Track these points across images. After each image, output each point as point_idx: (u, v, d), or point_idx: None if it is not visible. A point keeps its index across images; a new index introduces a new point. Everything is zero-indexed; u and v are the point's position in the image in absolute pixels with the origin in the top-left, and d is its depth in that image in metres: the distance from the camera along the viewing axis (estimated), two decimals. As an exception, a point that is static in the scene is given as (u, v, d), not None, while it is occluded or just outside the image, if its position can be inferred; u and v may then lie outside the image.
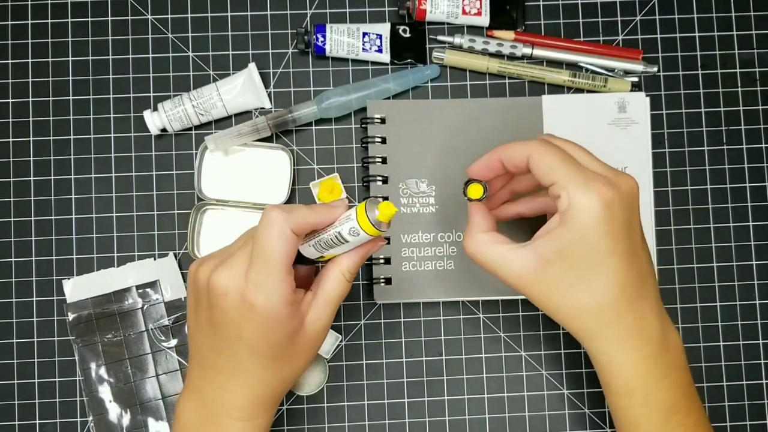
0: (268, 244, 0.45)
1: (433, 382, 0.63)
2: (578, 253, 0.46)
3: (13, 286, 0.63)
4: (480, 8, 0.63)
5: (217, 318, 0.47)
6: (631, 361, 0.48)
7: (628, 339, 0.48)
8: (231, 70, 0.64)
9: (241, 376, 0.48)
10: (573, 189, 0.46)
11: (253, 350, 0.47)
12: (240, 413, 0.49)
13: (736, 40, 0.65)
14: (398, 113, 0.62)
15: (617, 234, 0.46)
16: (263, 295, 0.45)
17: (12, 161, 0.63)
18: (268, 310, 0.45)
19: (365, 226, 0.46)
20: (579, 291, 0.47)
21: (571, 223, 0.46)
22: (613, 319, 0.47)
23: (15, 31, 0.64)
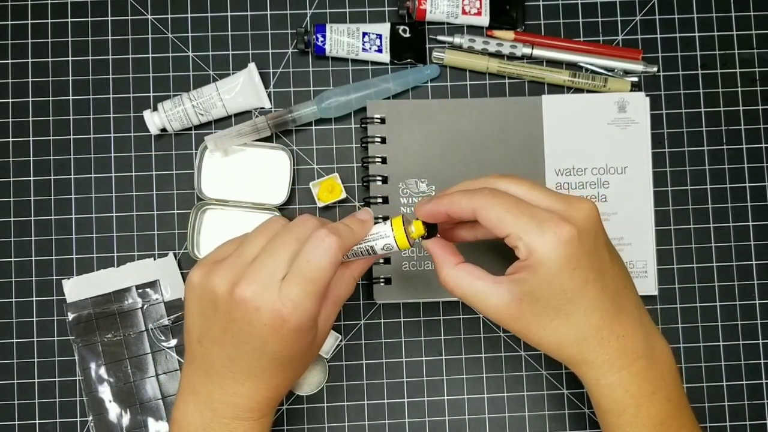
0: (320, 270, 0.45)
1: (433, 382, 0.63)
2: (550, 294, 0.45)
3: (13, 286, 0.63)
4: (480, 8, 0.63)
5: (240, 330, 0.46)
6: (620, 380, 0.47)
7: (615, 361, 0.47)
8: (231, 70, 0.64)
9: (256, 381, 0.48)
10: (528, 237, 0.44)
11: (275, 360, 0.47)
12: (248, 414, 0.49)
13: (736, 40, 0.65)
14: (398, 113, 0.62)
15: (584, 266, 0.45)
16: (299, 312, 0.45)
17: (12, 161, 0.63)
18: (300, 326, 0.45)
19: (402, 243, 0.48)
20: (558, 326, 0.47)
21: (536, 269, 0.45)
22: (597, 345, 0.47)
23: (15, 31, 0.64)
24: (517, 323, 0.47)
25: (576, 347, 0.47)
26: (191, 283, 0.48)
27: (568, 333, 0.47)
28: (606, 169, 0.63)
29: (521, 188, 0.48)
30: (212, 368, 0.48)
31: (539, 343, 0.48)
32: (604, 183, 0.62)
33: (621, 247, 0.62)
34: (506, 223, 0.45)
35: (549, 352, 0.49)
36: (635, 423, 0.48)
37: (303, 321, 0.45)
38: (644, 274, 0.62)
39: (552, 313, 0.46)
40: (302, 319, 0.45)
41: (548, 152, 0.62)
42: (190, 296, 0.48)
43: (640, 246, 0.62)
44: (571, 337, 0.47)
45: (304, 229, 0.46)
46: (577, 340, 0.47)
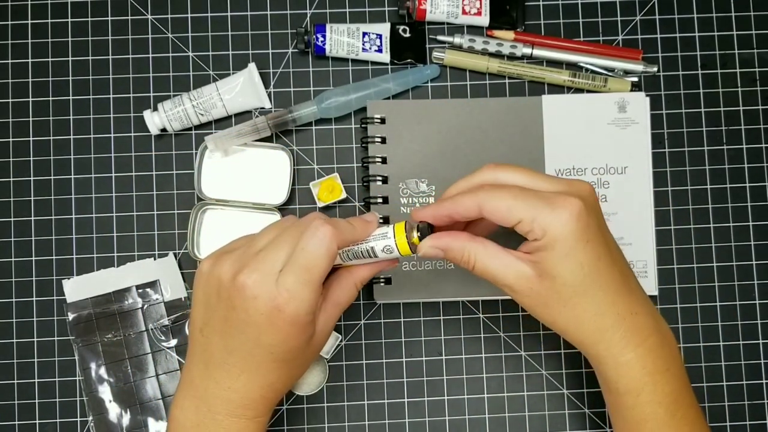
0: (314, 258, 0.45)
1: (433, 382, 0.63)
2: (568, 269, 0.46)
3: (13, 286, 0.63)
4: (480, 8, 0.63)
5: (238, 318, 0.46)
6: (637, 357, 0.48)
7: (631, 337, 0.48)
8: (231, 70, 0.64)
9: (250, 376, 0.48)
10: (541, 217, 0.45)
11: (270, 354, 0.47)
12: (242, 411, 0.49)
13: (736, 40, 0.65)
14: (398, 113, 0.62)
15: (597, 239, 0.46)
16: (295, 303, 0.45)
17: (12, 161, 0.63)
18: (296, 318, 0.46)
19: (402, 247, 0.48)
20: (577, 303, 0.47)
21: (553, 246, 0.46)
22: (614, 321, 0.48)
23: (15, 31, 0.64)
24: (537, 299, 0.48)
25: (594, 324, 0.48)
26: (200, 271, 0.49)
27: (587, 309, 0.47)
28: (606, 169, 0.63)
29: (521, 176, 0.48)
30: (210, 360, 0.49)
31: (555, 321, 0.49)
32: (604, 183, 0.62)
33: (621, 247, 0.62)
34: (516, 210, 0.46)
35: (565, 332, 0.49)
36: (652, 401, 0.48)
37: (299, 312, 0.45)
38: (644, 274, 0.62)
39: (570, 291, 0.47)
40: (298, 310, 0.45)
41: (548, 152, 0.62)
42: (197, 284, 0.50)
43: (640, 246, 0.62)
44: (590, 314, 0.47)
45: (307, 223, 0.47)
46: (595, 317, 0.47)
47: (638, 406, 0.49)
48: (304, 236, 0.46)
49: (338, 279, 0.51)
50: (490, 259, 0.48)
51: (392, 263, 0.52)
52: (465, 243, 0.48)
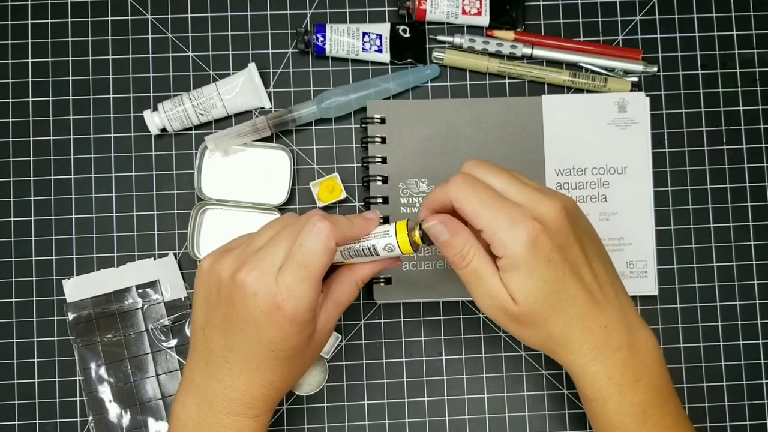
0: (311, 254, 0.45)
1: (433, 382, 0.63)
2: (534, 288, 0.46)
3: (13, 286, 0.63)
4: (480, 8, 0.63)
5: (238, 316, 0.47)
6: (603, 369, 0.48)
7: (599, 350, 0.48)
8: (231, 70, 0.64)
9: (251, 374, 0.48)
10: (501, 234, 0.45)
11: (270, 352, 0.47)
12: (243, 410, 0.49)
13: (736, 40, 0.65)
14: (398, 113, 0.62)
15: (557, 259, 0.46)
16: (294, 300, 0.45)
17: (12, 161, 0.63)
18: (295, 315, 0.46)
19: (403, 245, 0.48)
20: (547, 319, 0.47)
21: (516, 267, 0.46)
22: (581, 333, 0.48)
23: (15, 31, 0.64)
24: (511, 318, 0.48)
25: (563, 336, 0.48)
26: (201, 268, 0.49)
27: (555, 324, 0.48)
28: (606, 169, 0.63)
29: (498, 179, 0.48)
30: (211, 358, 0.49)
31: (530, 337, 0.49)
32: (604, 183, 0.62)
33: (621, 247, 0.62)
34: (480, 218, 0.46)
35: (537, 344, 0.49)
36: (619, 411, 0.49)
37: (298, 309, 0.45)
38: (644, 274, 0.62)
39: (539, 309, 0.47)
40: (297, 307, 0.45)
41: (548, 152, 0.62)
42: (198, 282, 0.50)
43: (640, 246, 0.62)
44: (558, 327, 0.48)
45: (306, 219, 0.47)
46: (563, 329, 0.48)
47: (606, 414, 0.49)
48: (302, 233, 0.46)
49: (339, 277, 0.51)
50: (485, 264, 0.47)
51: (394, 262, 0.52)
52: (471, 238, 0.48)
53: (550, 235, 0.46)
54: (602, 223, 0.62)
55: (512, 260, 0.46)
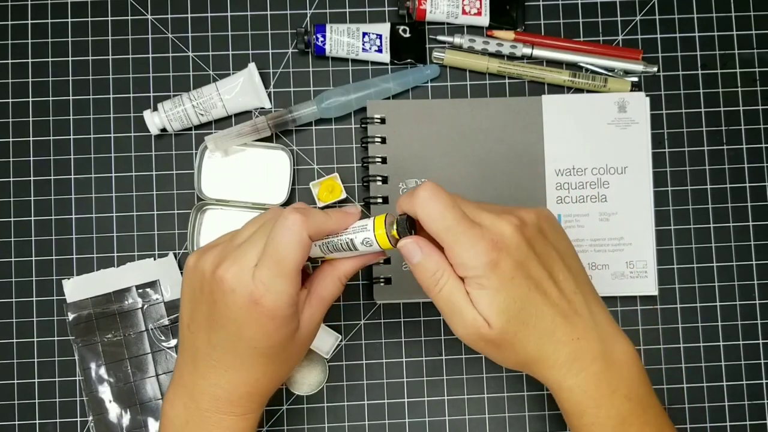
0: (284, 248, 0.45)
1: (433, 382, 0.63)
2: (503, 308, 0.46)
3: (13, 286, 0.63)
4: (480, 8, 0.63)
5: (219, 313, 0.46)
6: (578, 383, 0.48)
7: (572, 363, 0.47)
8: (231, 70, 0.64)
9: (235, 372, 0.48)
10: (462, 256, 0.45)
11: (253, 349, 0.47)
12: (230, 408, 0.49)
13: (736, 40, 0.65)
14: (398, 113, 0.62)
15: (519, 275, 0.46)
16: (272, 295, 0.45)
17: (12, 161, 0.63)
18: (274, 310, 0.45)
19: (381, 240, 0.47)
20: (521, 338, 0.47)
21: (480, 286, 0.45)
22: (554, 348, 0.47)
23: (15, 31, 0.64)
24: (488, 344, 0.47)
25: (536, 352, 0.47)
26: (187, 266, 0.49)
27: (528, 340, 0.47)
28: (606, 169, 0.63)
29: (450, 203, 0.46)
30: (197, 356, 0.49)
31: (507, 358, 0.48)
32: (604, 183, 0.62)
33: (621, 247, 0.62)
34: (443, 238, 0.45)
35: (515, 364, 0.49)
36: (596, 423, 0.48)
37: (277, 304, 0.45)
38: (644, 274, 0.62)
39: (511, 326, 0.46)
40: (276, 302, 0.45)
41: (548, 152, 0.62)
42: (184, 280, 0.50)
43: (640, 246, 0.62)
44: (531, 344, 0.47)
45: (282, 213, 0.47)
46: (536, 345, 0.47)
47: (584, 427, 0.49)
48: (274, 228, 0.46)
49: (322, 273, 0.50)
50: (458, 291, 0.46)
51: (376, 257, 0.51)
52: (443, 262, 0.46)
53: (510, 253, 0.45)
54: (602, 223, 0.62)
55: (477, 281, 0.45)
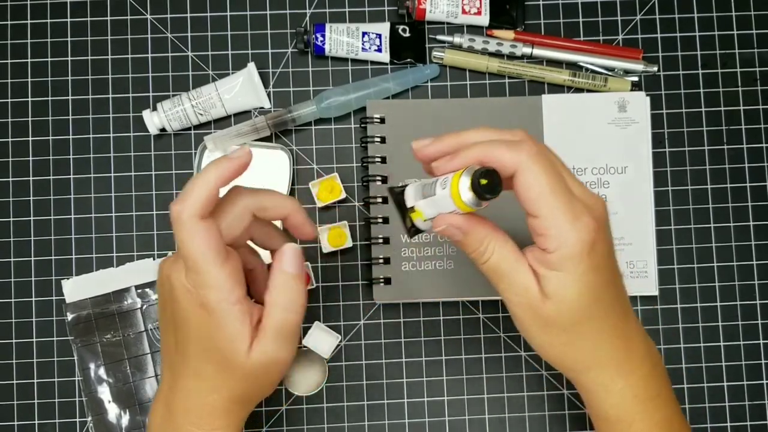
0: (183, 245, 0.43)
1: (433, 382, 0.63)
2: (577, 294, 0.42)
3: (12, 286, 0.63)
4: (480, 7, 0.63)
5: (176, 315, 0.46)
6: (628, 385, 0.45)
7: (624, 365, 0.45)
8: (230, 69, 0.64)
9: (197, 379, 0.47)
10: (558, 229, 0.41)
11: (203, 350, 0.45)
12: (199, 421, 0.47)
13: (737, 39, 0.65)
14: (398, 113, 0.62)
15: (606, 264, 0.43)
16: (197, 293, 0.44)
17: (11, 161, 0.63)
18: (206, 306, 0.44)
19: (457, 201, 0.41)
20: (580, 331, 0.44)
21: (564, 267, 0.42)
22: (611, 349, 0.45)
23: (14, 31, 0.64)
24: (535, 320, 0.44)
25: (590, 352, 0.45)
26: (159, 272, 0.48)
27: (588, 337, 0.44)
28: (606, 169, 0.62)
29: (562, 166, 0.44)
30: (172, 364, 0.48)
31: (551, 344, 0.45)
32: (604, 183, 0.62)
33: (621, 247, 0.62)
34: (543, 204, 0.41)
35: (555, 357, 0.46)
36: (643, 429, 0.46)
37: (207, 301, 0.43)
38: (644, 274, 0.62)
39: (575, 317, 0.43)
40: (205, 299, 0.43)
41: (548, 152, 0.62)
42: (157, 287, 0.49)
43: (640, 246, 0.62)
44: (589, 341, 0.44)
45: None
46: (593, 344, 0.44)
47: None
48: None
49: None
50: (505, 259, 0.43)
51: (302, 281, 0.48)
52: (490, 232, 0.43)
53: (605, 238, 0.43)
54: None
55: (563, 259, 0.41)
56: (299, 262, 0.46)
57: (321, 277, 0.63)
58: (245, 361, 0.45)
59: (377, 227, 0.61)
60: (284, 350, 0.46)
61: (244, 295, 0.45)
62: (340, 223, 0.62)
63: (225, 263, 0.44)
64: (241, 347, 0.45)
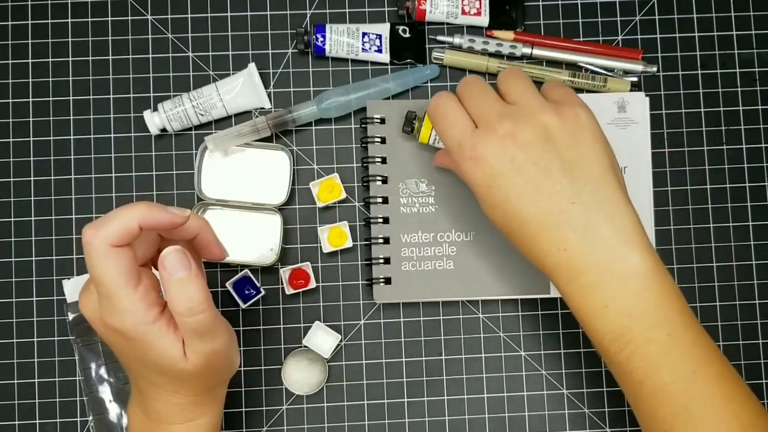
0: (92, 269, 0.43)
1: (432, 382, 0.63)
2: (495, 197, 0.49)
3: (13, 286, 0.63)
4: (479, 8, 0.63)
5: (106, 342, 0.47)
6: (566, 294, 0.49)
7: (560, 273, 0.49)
8: (231, 70, 0.64)
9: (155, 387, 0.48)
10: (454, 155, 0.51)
11: (145, 366, 0.47)
12: (173, 419, 0.49)
13: (736, 40, 0.65)
14: (398, 113, 0.62)
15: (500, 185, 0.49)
16: (118, 317, 0.44)
17: (12, 161, 0.63)
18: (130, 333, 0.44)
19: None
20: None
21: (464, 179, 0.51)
22: (539, 255, 0.49)
23: (15, 31, 0.64)
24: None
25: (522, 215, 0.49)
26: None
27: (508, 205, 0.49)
28: (606, 169, 0.62)
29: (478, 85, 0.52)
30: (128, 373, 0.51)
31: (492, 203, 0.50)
32: (604, 183, 0.62)
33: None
34: (438, 129, 0.52)
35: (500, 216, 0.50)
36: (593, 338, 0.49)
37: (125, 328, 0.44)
38: (644, 274, 0.62)
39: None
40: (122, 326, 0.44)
41: (548, 152, 0.62)
42: None
43: (640, 246, 0.62)
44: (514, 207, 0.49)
45: None
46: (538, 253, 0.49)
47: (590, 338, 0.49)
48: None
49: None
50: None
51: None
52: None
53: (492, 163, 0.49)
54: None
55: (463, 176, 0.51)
56: (183, 262, 0.44)
57: (321, 277, 0.63)
58: (186, 365, 0.46)
59: (377, 227, 0.61)
60: (215, 340, 0.46)
61: (161, 310, 0.45)
62: (340, 223, 0.62)
63: (137, 287, 0.44)
64: (175, 355, 0.45)
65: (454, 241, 0.62)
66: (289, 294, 0.62)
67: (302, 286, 0.61)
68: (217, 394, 0.52)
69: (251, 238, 0.62)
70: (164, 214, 0.45)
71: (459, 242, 0.62)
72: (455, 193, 0.62)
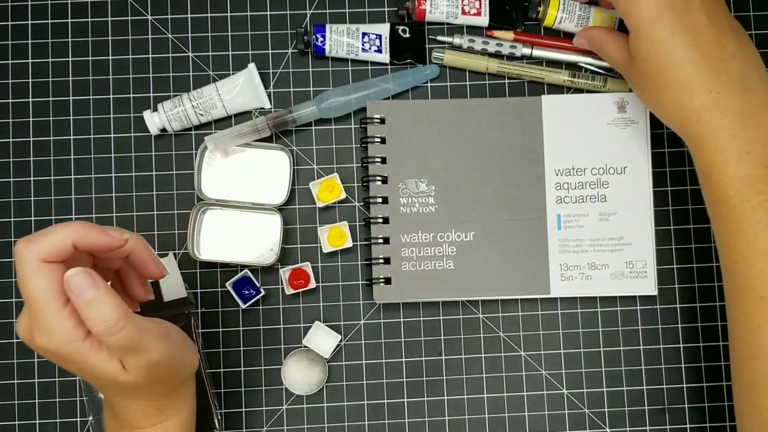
0: (21, 283, 0.42)
1: (432, 382, 0.63)
2: (641, 48, 0.53)
3: (13, 286, 0.63)
4: (479, 8, 0.63)
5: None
6: (708, 135, 0.52)
7: (704, 113, 0.52)
8: (231, 70, 0.64)
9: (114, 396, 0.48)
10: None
11: (94, 381, 0.46)
12: (140, 423, 0.49)
13: (736, 40, 0.65)
14: (398, 113, 0.62)
15: (670, 16, 0.51)
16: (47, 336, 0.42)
17: (12, 161, 0.63)
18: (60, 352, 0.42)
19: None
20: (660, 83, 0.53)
21: (629, 26, 0.54)
22: (687, 97, 0.52)
23: (15, 31, 0.64)
24: (633, 80, 0.56)
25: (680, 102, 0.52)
26: None
27: (669, 88, 0.52)
28: (606, 169, 0.63)
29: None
30: None
31: (656, 102, 0.54)
32: (604, 183, 0.62)
33: (621, 247, 0.62)
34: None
35: (664, 115, 0.55)
36: (721, 182, 0.51)
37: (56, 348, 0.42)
38: (644, 274, 0.62)
39: (648, 68, 0.53)
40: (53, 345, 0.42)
41: (548, 152, 0.62)
42: None
43: (640, 246, 0.62)
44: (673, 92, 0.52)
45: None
46: (680, 95, 0.52)
47: (709, 186, 0.52)
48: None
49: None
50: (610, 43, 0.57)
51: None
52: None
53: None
54: (602, 223, 0.62)
55: (627, 20, 0.54)
56: (89, 282, 0.42)
57: (321, 277, 0.63)
58: (128, 378, 0.44)
59: (377, 227, 0.61)
60: (149, 352, 0.44)
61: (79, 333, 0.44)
62: (340, 223, 0.62)
63: (66, 304, 0.42)
64: (113, 370, 0.44)
65: (454, 241, 0.62)
66: (289, 294, 0.62)
67: (302, 286, 0.61)
68: (182, 394, 0.50)
69: (251, 238, 0.62)
70: (100, 235, 0.43)
71: (459, 242, 0.62)
72: (455, 193, 0.62)
